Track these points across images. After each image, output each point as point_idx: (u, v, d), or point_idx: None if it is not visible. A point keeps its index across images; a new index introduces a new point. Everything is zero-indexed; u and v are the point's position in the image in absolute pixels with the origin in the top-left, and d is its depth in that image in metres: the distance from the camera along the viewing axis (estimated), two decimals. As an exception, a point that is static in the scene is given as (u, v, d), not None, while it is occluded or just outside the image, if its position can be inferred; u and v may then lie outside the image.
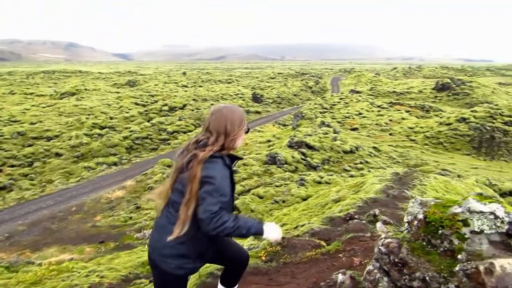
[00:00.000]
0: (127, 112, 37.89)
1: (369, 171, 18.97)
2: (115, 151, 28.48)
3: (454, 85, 51.57)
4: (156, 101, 43.34)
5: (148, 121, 35.08)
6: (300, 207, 10.30)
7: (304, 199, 13.66)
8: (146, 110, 38.93)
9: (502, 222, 1.82)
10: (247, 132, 2.68)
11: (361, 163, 21.52)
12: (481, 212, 1.87)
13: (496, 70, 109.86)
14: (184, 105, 42.23)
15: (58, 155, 27.45)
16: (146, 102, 43.44)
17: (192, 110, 39.83)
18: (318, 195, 10.77)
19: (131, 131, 31.69)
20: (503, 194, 17.24)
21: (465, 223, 1.88)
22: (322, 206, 8.12)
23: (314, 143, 22.09)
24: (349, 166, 20.98)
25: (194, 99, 45.29)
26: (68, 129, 32.05)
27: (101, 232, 15.16)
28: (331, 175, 17.89)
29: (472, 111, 32.06)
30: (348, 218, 5.25)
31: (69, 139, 29.45)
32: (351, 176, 18.39)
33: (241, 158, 2.82)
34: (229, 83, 74.25)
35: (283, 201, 14.80)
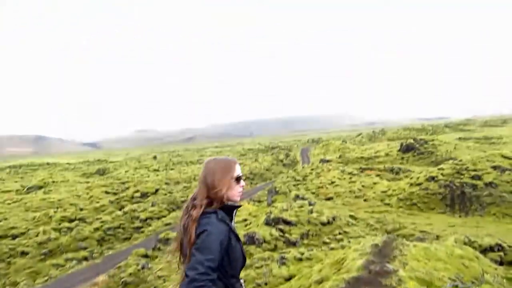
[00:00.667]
0: (98, 202, 36.93)
1: (348, 241, 18.72)
2: (86, 244, 27.22)
3: (418, 145, 53.53)
4: (127, 188, 42.59)
5: (120, 210, 34.17)
6: (283, 290, 9.89)
7: (287, 279, 13.18)
8: (117, 198, 38.08)
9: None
10: (239, 180, 2.59)
11: (339, 233, 21.29)
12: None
13: (454, 126, 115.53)
14: (157, 190, 41.65)
15: (24, 253, 25.90)
16: (117, 190, 42.62)
17: (165, 195, 39.25)
18: (300, 275, 10.42)
19: (102, 222, 30.62)
20: (484, 250, 17.18)
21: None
22: (305, 289, 7.82)
23: (291, 218, 21.86)
24: (328, 238, 20.68)
25: (166, 183, 44.88)
26: (35, 225, 30.69)
27: None
28: (311, 250, 17.51)
29: (439, 169, 32.98)
30: (332, 305, 5.02)
31: (36, 236, 28.04)
32: (332, 248, 18.06)
33: (238, 206, 2.65)
34: (201, 163, 74.44)
35: (265, 283, 14.21)
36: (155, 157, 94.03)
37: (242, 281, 2.74)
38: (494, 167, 30.46)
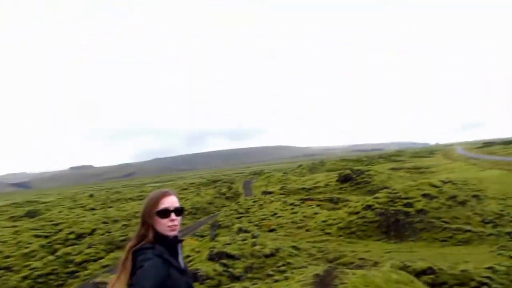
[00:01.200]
0: (27, 247, 34.30)
1: (292, 272, 18.90)
2: (13, 295, 25.13)
3: (354, 176, 55.85)
4: (60, 230, 40.11)
5: (52, 254, 31.99)
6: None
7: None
8: (49, 242, 35.68)
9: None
10: (164, 214, 2.48)
11: (283, 265, 21.43)
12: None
13: (388, 157, 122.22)
14: (93, 230, 39.64)
15: None
16: (49, 232, 39.96)
17: (103, 234, 37.43)
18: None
19: (31, 269, 28.45)
20: (418, 274, 18.07)
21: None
22: (249, 323, 7.82)
23: (234, 251, 21.76)
24: (272, 270, 20.74)
25: (104, 222, 42.89)
26: (-45, 277, 27.88)
27: None
28: (255, 284, 17.48)
29: (374, 198, 34.53)
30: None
31: (-44, 291, 25.52)
32: (276, 280, 18.11)
33: (179, 241, 2.57)
34: (141, 199, 72.11)
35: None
36: (91, 195, 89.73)
37: None
38: (424, 195, 32.46)
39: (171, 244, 2.55)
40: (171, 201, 2.60)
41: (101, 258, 30.77)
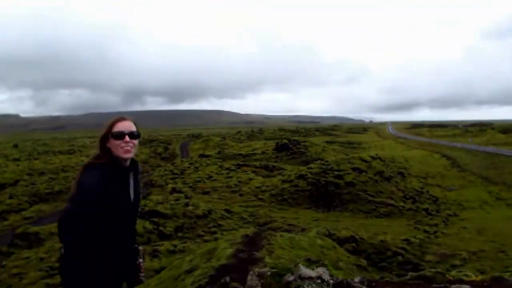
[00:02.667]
0: None
1: (222, 234, 19.19)
2: None
3: (291, 145, 57.13)
4: (-21, 179, 37.42)
5: (-32, 203, 29.83)
6: (152, 281, 9.72)
7: (157, 272, 12.99)
8: (-35, 190, 33.21)
9: (328, 285, 1.99)
10: (120, 136, 2.54)
11: (214, 226, 21.69)
12: (310, 277, 2.01)
13: (324, 130, 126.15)
14: (16, 181, 37.35)
15: None
16: (-34, 180, 37.18)
17: (26, 186, 35.37)
18: (171, 266, 10.36)
19: None
20: (341, 242, 19.10)
21: (298, 290, 2.00)
22: (174, 279, 7.81)
23: (166, 211, 21.59)
24: (203, 231, 20.93)
25: (28, 174, 40.52)
26: None
27: None
28: (185, 243, 17.55)
29: (308, 168, 35.66)
30: (200, 291, 5.13)
31: None
32: (206, 241, 18.33)
33: (134, 166, 2.66)
34: (71, 153, 68.83)
35: (131, 283, 13.80)
36: (15, 146, 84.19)
37: (139, 247, 2.76)
38: (354, 169, 34.04)
39: (122, 169, 2.56)
40: (126, 125, 2.64)
41: (24, 209, 29.15)
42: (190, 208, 22.93)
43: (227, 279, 5.15)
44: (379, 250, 18.81)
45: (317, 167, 35.10)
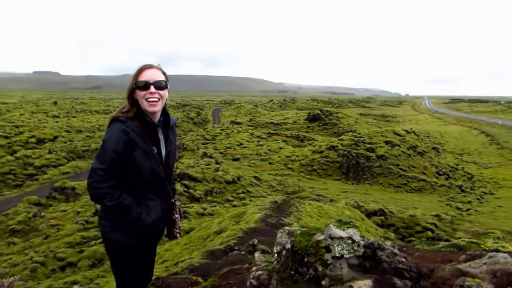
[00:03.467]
0: (-15, 146, 33.47)
1: (250, 200, 19.46)
2: (-31, 190, 24.79)
3: (323, 116, 56.48)
4: (21, 133, 39.07)
5: (11, 155, 31.35)
6: (182, 241, 10.04)
7: (187, 232, 13.39)
8: (9, 143, 34.83)
9: (359, 245, 1.98)
10: (145, 87, 2.38)
11: (243, 192, 22.01)
12: (341, 237, 2.00)
13: (357, 102, 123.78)
14: (55, 137, 38.89)
15: None
16: (10, 133, 38.87)
17: (65, 142, 36.81)
18: (200, 227, 10.65)
19: (-11, 166, 27.98)
20: (369, 214, 19.02)
21: (328, 249, 2.00)
22: (204, 239, 8.03)
23: (197, 174, 22.01)
24: (232, 196, 21.30)
25: (67, 131, 42.06)
26: None
27: None
28: (214, 206, 17.93)
29: (339, 140, 35.28)
30: (228, 250, 5.26)
31: None
32: (234, 206, 18.65)
33: (153, 123, 2.46)
34: (107, 113, 70.64)
35: (165, 236, 14.31)
36: (55, 103, 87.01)
37: (176, 202, 2.71)
38: (386, 142, 33.40)
39: (149, 123, 2.43)
40: (152, 74, 2.44)
41: (62, 165, 30.46)
42: (220, 173, 23.29)
43: (255, 241, 5.24)
44: (408, 224, 18.62)
45: (348, 139, 34.65)
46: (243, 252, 5.00)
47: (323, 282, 1.96)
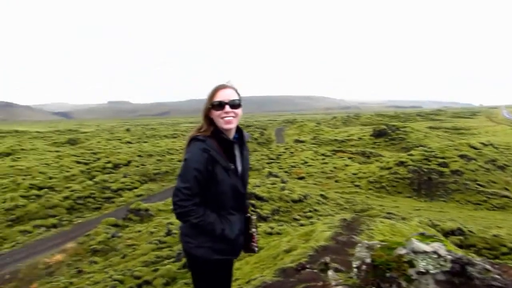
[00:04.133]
0: (68, 171, 36.16)
1: (318, 219, 19.15)
2: (55, 212, 26.77)
3: (390, 131, 54.65)
4: (99, 159, 41.86)
5: (91, 180, 33.60)
6: (252, 260, 10.09)
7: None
8: (88, 168, 37.40)
9: (445, 260, 1.87)
10: (220, 106, 2.49)
11: (310, 211, 21.74)
12: (425, 252, 1.91)
13: (426, 115, 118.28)
14: (129, 162, 41.13)
15: (-11, 220, 25.34)
16: (88, 160, 41.83)
17: (137, 166, 38.82)
18: (269, 246, 10.63)
19: (72, 191, 30.10)
20: (446, 234, 17.92)
21: (411, 264, 1.91)
22: (273, 258, 8.01)
23: (263, 193, 22.14)
24: (299, 215, 21.10)
25: (139, 155, 44.33)
26: (2, 191, 29.89)
27: (38, 304, 13.89)
28: (281, 225, 17.85)
29: (409, 155, 33.86)
30: (300, 268, 5.19)
31: (3, 202, 27.39)
32: (301, 225, 18.45)
33: (235, 142, 2.61)
34: (175, 137, 73.72)
35: (244, 250, 14.44)
36: (128, 130, 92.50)
37: (252, 216, 2.80)
38: (461, 156, 31.49)
39: (226, 141, 2.54)
40: (226, 94, 2.56)
41: (135, 188, 32.12)
42: (286, 192, 23.24)
43: (327, 259, 5.14)
44: (492, 245, 17.24)
45: (418, 154, 33.16)
46: (315, 270, 4.91)
47: (408, 298, 1.87)
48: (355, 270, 2.14)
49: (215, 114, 2.52)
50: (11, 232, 23.88)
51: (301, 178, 34.22)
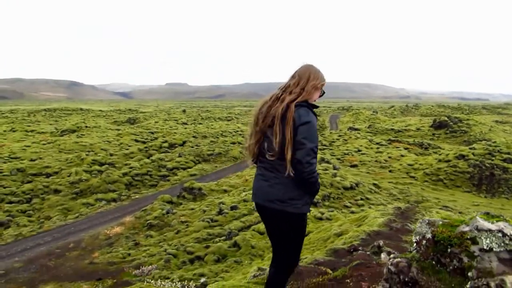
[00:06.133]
0: (127, 149, 37.99)
1: (370, 207, 18.85)
2: (115, 187, 28.34)
3: (451, 123, 52.11)
4: (156, 138, 43.56)
5: (148, 158, 35.10)
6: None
7: (305, 235, 13.55)
8: (146, 147, 39.06)
9: (511, 239, 1.85)
10: (321, 95, 2.95)
11: (361, 199, 21.43)
12: (489, 230, 1.90)
13: (492, 109, 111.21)
14: (184, 142, 42.44)
15: (57, 191, 27.29)
16: (146, 139, 43.66)
17: (192, 147, 39.97)
18: (319, 230, 10.67)
19: (130, 168, 31.65)
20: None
21: (474, 241, 1.90)
22: (324, 241, 8.06)
23: (314, 179, 22.07)
24: (350, 203, 20.87)
25: (194, 136, 45.58)
26: (68, 165, 32.01)
27: (99, 269, 14.87)
28: (331, 211, 17.77)
29: (470, 148, 32.23)
30: (352, 250, 5.22)
31: (69, 176, 29.35)
32: (352, 212, 18.27)
33: (317, 107, 2.93)
34: (229, 120, 74.93)
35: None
36: (184, 111, 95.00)
37: None
38: (529, 152, 29.55)
39: (314, 110, 2.83)
40: (324, 79, 2.93)
41: (190, 167, 33.14)
42: (337, 179, 23.02)
43: (380, 242, 5.11)
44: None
45: (481, 148, 31.47)
46: (368, 253, 4.91)
47: (469, 274, 1.88)
48: (414, 244, 2.16)
49: (315, 92, 2.84)
50: (75, 204, 25.62)
51: (354, 166, 33.66)
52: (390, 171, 32.34)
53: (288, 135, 2.57)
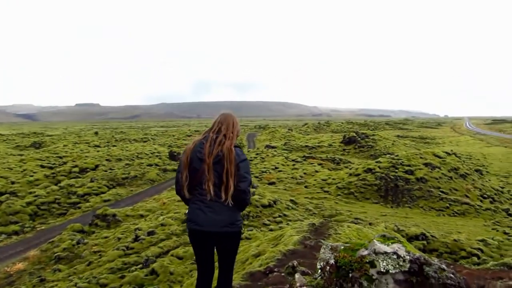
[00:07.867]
0: (31, 176, 34.95)
1: (287, 224, 19.28)
2: (17, 218, 25.80)
3: (359, 139, 55.76)
4: (65, 163, 40.69)
5: (56, 184, 32.60)
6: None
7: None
8: (53, 173, 36.29)
9: (404, 261, 1.96)
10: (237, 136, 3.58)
11: (279, 216, 21.85)
12: (385, 253, 1.99)
13: (394, 124, 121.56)
14: (97, 166, 40.18)
15: None
16: (54, 164, 40.60)
17: (105, 171, 37.98)
18: (238, 251, 10.63)
19: (35, 196, 29.11)
20: (410, 239, 18.41)
21: (372, 264, 1.99)
22: (242, 262, 8.02)
23: (233, 199, 22.08)
24: (268, 220, 21.17)
25: (107, 159, 43.40)
26: (-40, 196, 28.60)
27: (-3, 313, 13.32)
28: (251, 230, 17.86)
29: (377, 162, 34.61)
30: (268, 272, 5.24)
31: (-39, 208, 26.22)
32: (271, 229, 18.53)
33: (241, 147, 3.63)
34: (145, 141, 72.73)
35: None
36: (96, 133, 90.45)
37: None
38: (426, 164, 32.47)
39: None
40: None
41: (103, 192, 31.37)
42: (256, 197, 23.28)
43: (295, 262, 5.20)
44: (452, 249, 17.86)
45: (386, 161, 33.95)
46: (283, 274, 4.97)
47: (369, 297, 1.94)
48: (319, 271, 2.20)
49: (235, 138, 3.53)
50: (-30, 239, 22.86)
51: (272, 183, 34.37)
52: (305, 186, 33.51)
53: (232, 170, 3.14)
